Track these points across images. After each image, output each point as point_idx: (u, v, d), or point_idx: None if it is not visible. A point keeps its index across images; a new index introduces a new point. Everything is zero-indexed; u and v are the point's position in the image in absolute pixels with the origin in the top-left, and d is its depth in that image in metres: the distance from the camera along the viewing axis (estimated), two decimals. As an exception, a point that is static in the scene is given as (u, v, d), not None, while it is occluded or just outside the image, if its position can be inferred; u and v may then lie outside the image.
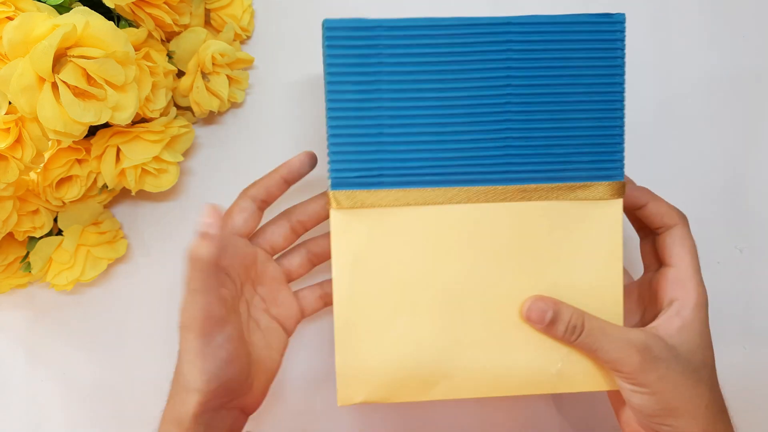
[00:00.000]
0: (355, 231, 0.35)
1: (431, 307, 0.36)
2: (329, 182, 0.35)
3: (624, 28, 0.35)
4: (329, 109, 0.34)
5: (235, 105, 0.48)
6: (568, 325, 0.34)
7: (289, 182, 0.39)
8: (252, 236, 0.40)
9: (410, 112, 0.35)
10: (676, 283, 0.36)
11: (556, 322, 0.35)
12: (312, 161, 0.39)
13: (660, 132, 0.48)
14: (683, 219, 0.37)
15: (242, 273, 0.38)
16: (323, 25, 0.34)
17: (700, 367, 0.34)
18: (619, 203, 0.36)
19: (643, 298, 0.40)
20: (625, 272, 0.41)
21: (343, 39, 0.34)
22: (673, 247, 0.36)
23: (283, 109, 0.48)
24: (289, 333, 0.39)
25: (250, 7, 0.47)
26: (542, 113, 0.35)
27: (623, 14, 0.35)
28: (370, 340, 0.36)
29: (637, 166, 0.48)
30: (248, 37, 0.48)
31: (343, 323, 0.35)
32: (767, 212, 0.48)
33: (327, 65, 0.34)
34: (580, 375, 0.36)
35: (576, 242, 0.36)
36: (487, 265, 0.36)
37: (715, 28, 0.49)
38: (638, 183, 0.47)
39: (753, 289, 0.48)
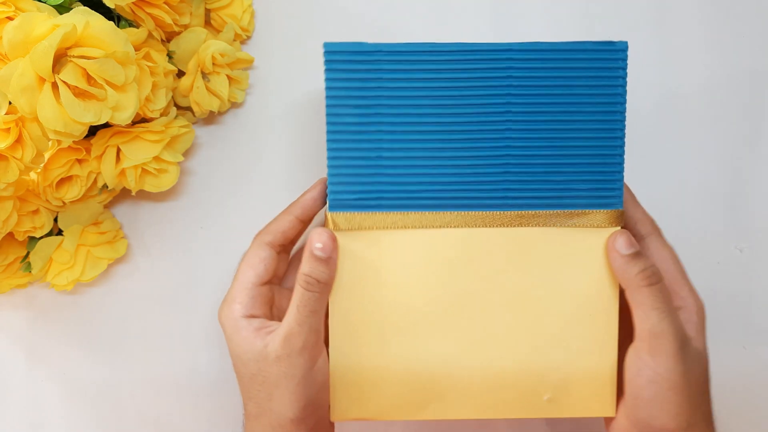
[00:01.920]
0: (352, 252, 0.35)
1: (425, 330, 0.36)
2: (327, 203, 0.36)
3: (626, 56, 0.35)
4: (329, 132, 0.35)
5: (235, 105, 0.48)
6: (648, 267, 0.33)
7: (305, 222, 0.38)
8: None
9: (409, 136, 0.35)
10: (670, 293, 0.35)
11: (638, 258, 0.33)
12: (323, 195, 0.38)
13: (661, 132, 0.48)
14: (656, 229, 0.36)
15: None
16: (324, 48, 0.34)
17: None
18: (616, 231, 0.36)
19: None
20: None
21: (343, 63, 0.34)
22: (652, 257, 0.35)
23: (283, 110, 0.48)
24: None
25: (250, 7, 0.47)
26: (542, 140, 0.35)
27: (625, 42, 0.34)
28: (365, 359, 0.36)
29: (637, 166, 0.48)
30: (248, 37, 0.48)
31: (338, 343, 0.36)
32: (767, 212, 0.48)
33: (327, 88, 0.35)
34: (572, 402, 0.36)
35: (572, 268, 0.35)
36: (482, 290, 0.36)
37: (716, 30, 0.49)
38: (640, 183, 0.48)
39: (753, 289, 0.48)
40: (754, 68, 0.48)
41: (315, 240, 0.34)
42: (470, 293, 0.35)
